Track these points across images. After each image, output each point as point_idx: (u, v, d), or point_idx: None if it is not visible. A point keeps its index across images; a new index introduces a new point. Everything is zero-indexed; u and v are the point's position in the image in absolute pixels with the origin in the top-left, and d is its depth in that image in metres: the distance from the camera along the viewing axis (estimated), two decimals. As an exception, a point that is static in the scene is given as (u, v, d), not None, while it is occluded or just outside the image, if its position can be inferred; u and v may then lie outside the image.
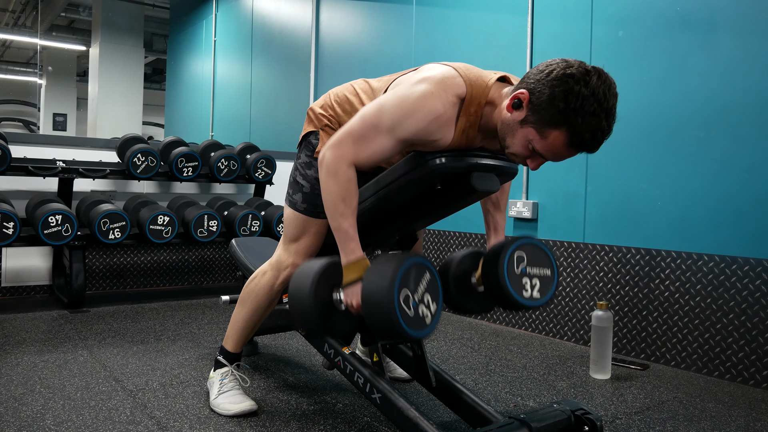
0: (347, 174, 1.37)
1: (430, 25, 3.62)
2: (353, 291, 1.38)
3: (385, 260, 1.33)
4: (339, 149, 1.37)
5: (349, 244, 1.39)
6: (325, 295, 1.42)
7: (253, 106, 5.68)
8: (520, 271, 1.46)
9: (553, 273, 1.52)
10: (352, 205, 1.38)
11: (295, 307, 1.42)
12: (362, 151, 1.36)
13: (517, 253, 1.47)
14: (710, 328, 2.31)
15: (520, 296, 1.45)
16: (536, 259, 1.50)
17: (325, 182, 1.38)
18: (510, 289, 1.43)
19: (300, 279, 1.43)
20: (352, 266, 1.39)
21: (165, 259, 4.00)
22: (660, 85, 2.48)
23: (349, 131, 1.38)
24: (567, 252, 2.81)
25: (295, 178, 1.69)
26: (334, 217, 1.39)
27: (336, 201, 1.37)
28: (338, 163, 1.36)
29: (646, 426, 1.79)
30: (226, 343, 1.85)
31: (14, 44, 12.35)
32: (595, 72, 1.22)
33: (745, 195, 2.22)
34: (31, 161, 3.27)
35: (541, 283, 1.49)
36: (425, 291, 1.34)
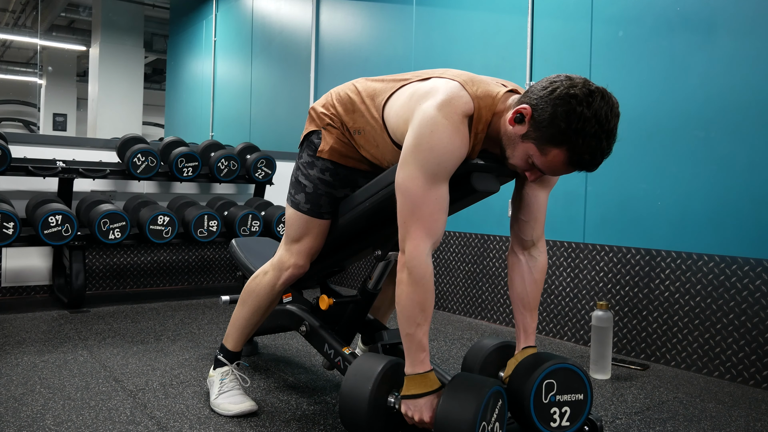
0: (428, 268, 1.32)
1: (430, 25, 3.62)
2: (417, 405, 1.32)
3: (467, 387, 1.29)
4: (412, 238, 1.31)
5: (419, 354, 1.33)
6: (382, 398, 1.37)
7: (253, 106, 5.68)
8: (548, 401, 1.37)
9: (586, 396, 1.41)
10: (429, 311, 1.33)
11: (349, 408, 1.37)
12: (428, 221, 1.31)
13: (546, 381, 1.37)
14: (710, 328, 2.31)
15: (547, 428, 1.37)
16: (568, 385, 1.39)
17: (407, 287, 1.32)
18: (536, 422, 1.35)
19: (358, 379, 1.37)
20: (419, 379, 1.33)
21: (165, 259, 4.00)
22: (660, 85, 2.48)
23: (405, 213, 1.32)
24: (567, 252, 2.82)
25: (297, 177, 1.69)
26: (409, 325, 1.33)
27: (415, 310, 1.32)
28: (419, 257, 1.31)
29: (646, 426, 1.79)
30: (226, 341, 1.85)
31: (14, 44, 12.35)
32: (599, 93, 1.22)
33: (745, 195, 2.22)
34: (31, 161, 3.27)
35: (572, 410, 1.39)
36: (496, 419, 1.31)
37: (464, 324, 3.12)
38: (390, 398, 1.38)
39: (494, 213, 3.15)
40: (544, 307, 2.89)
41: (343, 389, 1.39)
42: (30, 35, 11.03)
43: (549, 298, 2.88)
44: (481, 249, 3.24)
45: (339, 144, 1.61)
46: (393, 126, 1.46)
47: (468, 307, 3.30)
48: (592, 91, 1.22)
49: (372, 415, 1.35)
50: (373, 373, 1.36)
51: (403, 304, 1.33)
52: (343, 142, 1.61)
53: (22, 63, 13.34)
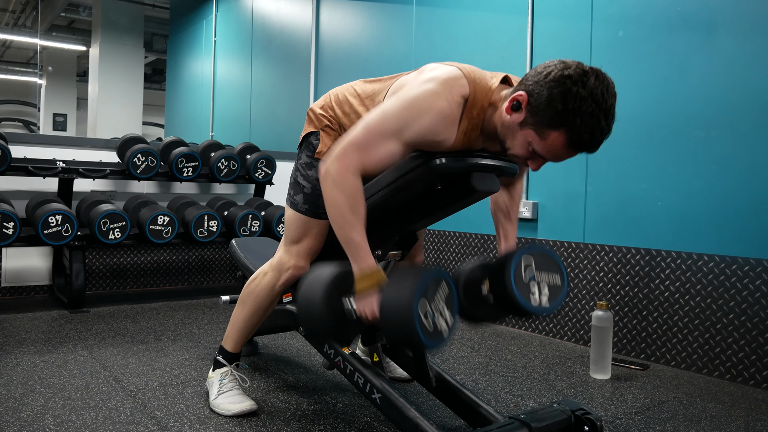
0: (354, 184, 1.34)
1: (430, 25, 3.62)
2: (367, 301, 1.36)
3: (405, 273, 1.32)
4: (344, 160, 1.34)
5: (360, 254, 1.37)
6: (336, 303, 1.40)
7: (253, 106, 5.68)
8: (528, 279, 1.45)
9: (562, 280, 1.50)
10: (360, 215, 1.36)
11: (305, 314, 1.40)
12: (368, 159, 1.34)
13: (524, 260, 1.45)
14: (710, 328, 2.31)
15: (529, 303, 1.44)
16: (545, 267, 1.49)
17: (331, 194, 1.36)
18: (518, 296, 1.42)
19: (311, 287, 1.41)
20: (366, 276, 1.37)
21: (165, 259, 4.00)
22: (660, 85, 2.48)
23: (353, 141, 1.35)
24: (567, 252, 2.81)
25: (296, 178, 1.69)
26: (343, 229, 1.36)
27: (344, 213, 1.35)
28: (344, 173, 1.34)
29: (646, 426, 1.79)
30: (225, 343, 1.85)
31: (14, 44, 12.35)
32: (593, 72, 1.22)
33: (745, 195, 2.22)
34: (31, 161, 3.27)
35: (550, 291, 1.48)
36: (443, 304, 1.33)
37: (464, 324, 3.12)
38: (345, 302, 1.41)
39: (494, 213, 3.14)
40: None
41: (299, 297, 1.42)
42: (30, 35, 11.03)
43: (549, 298, 2.87)
44: (481, 249, 3.24)
45: None
46: None
47: (468, 307, 3.29)
48: (585, 71, 1.22)
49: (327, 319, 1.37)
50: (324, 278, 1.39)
51: (334, 212, 1.36)
52: None
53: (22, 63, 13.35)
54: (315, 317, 1.38)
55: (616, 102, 1.25)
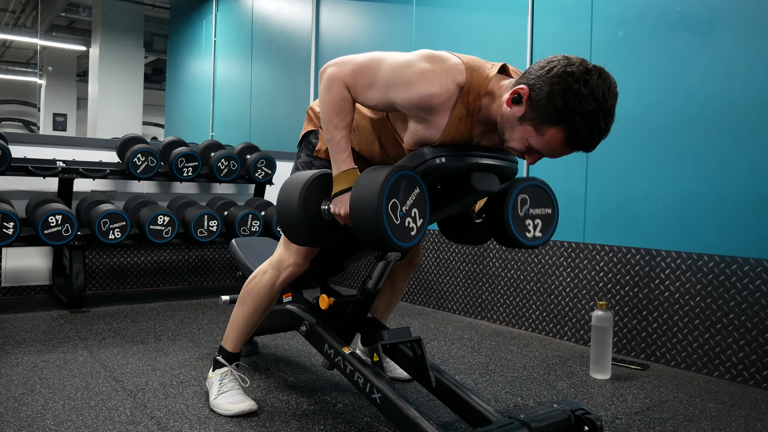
0: (341, 92, 1.42)
1: (430, 25, 3.61)
2: (342, 200, 1.41)
3: (375, 170, 1.35)
4: (339, 69, 1.42)
5: (341, 154, 1.43)
6: (313, 204, 1.44)
7: (253, 106, 5.68)
8: (523, 213, 1.52)
9: (554, 211, 1.58)
10: (345, 120, 1.43)
11: (283, 216, 1.45)
12: (357, 84, 1.41)
13: (521, 196, 1.51)
14: (710, 328, 2.31)
15: (524, 237, 1.51)
16: (538, 200, 1.55)
17: (322, 95, 1.44)
18: (515, 231, 1.49)
19: (289, 188, 1.45)
20: (343, 176, 1.42)
21: (165, 259, 4.00)
22: (660, 85, 2.48)
23: (355, 60, 1.43)
24: (567, 252, 2.81)
25: (295, 177, 1.70)
26: (328, 129, 1.43)
27: (330, 114, 1.42)
28: (335, 80, 1.42)
29: (646, 426, 1.79)
30: (225, 342, 1.85)
31: (14, 44, 12.35)
32: (596, 71, 1.22)
33: (745, 195, 2.22)
34: (31, 161, 3.27)
35: (543, 222, 1.55)
36: (413, 204, 1.36)
37: (464, 324, 3.12)
38: (323, 206, 1.46)
39: (494, 213, 3.14)
40: (544, 307, 2.89)
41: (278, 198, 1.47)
42: (30, 35, 11.03)
43: (549, 298, 2.88)
44: (481, 249, 3.24)
45: None
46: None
47: (468, 307, 3.30)
48: (589, 69, 1.22)
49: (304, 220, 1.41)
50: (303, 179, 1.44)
51: (323, 111, 1.45)
52: None
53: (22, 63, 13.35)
54: (291, 217, 1.42)
55: (617, 101, 1.25)
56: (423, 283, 3.59)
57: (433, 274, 3.52)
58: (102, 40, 9.03)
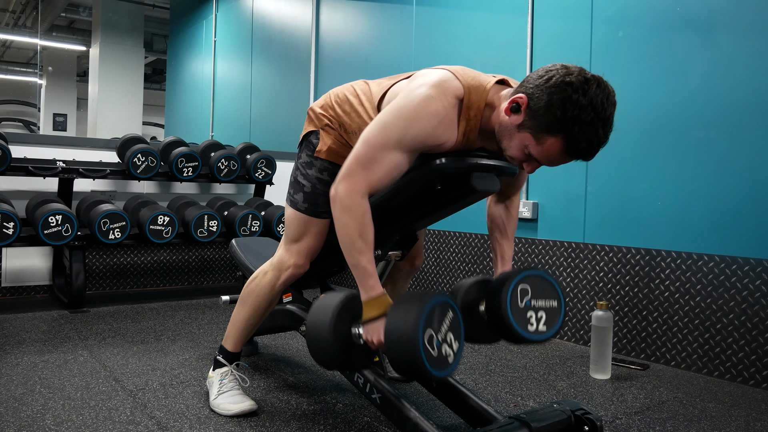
0: (362, 206, 1.34)
1: (430, 25, 3.62)
2: (374, 328, 1.34)
3: (409, 299, 1.30)
4: (350, 181, 1.34)
5: (368, 281, 1.36)
6: (344, 329, 1.38)
7: (253, 106, 5.68)
8: (524, 305, 1.42)
9: (560, 304, 1.47)
10: (369, 240, 1.35)
11: (314, 341, 1.39)
12: (374, 175, 1.33)
13: (521, 285, 1.42)
14: (710, 328, 2.31)
15: (525, 331, 1.40)
16: (542, 291, 1.45)
17: (340, 218, 1.35)
18: (513, 323, 1.39)
19: (319, 313, 1.39)
20: (373, 303, 1.36)
21: (165, 259, 4.00)
22: (660, 85, 2.48)
23: (356, 159, 1.34)
24: (567, 252, 2.81)
25: (296, 177, 1.69)
26: (351, 254, 1.35)
27: (353, 237, 1.34)
28: (351, 196, 1.33)
29: (646, 426, 1.79)
30: (225, 342, 1.85)
31: (14, 44, 12.36)
32: (595, 80, 1.22)
33: (745, 195, 2.22)
34: (31, 161, 3.27)
35: (547, 316, 1.44)
36: (448, 330, 1.31)
37: (464, 324, 3.12)
38: (354, 329, 1.40)
39: (494, 213, 3.14)
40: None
41: (307, 325, 1.41)
42: (30, 35, 11.03)
43: (549, 298, 2.87)
44: (481, 249, 3.24)
45: (337, 144, 1.62)
46: None
47: (468, 307, 3.29)
48: (587, 78, 1.22)
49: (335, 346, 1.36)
50: (332, 305, 1.39)
51: (343, 236, 1.36)
52: (341, 142, 1.62)
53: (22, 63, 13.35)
54: (322, 343, 1.36)
55: (617, 102, 1.25)
56: (423, 283, 3.59)
57: (433, 274, 3.52)
58: (102, 40, 9.03)
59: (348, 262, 1.38)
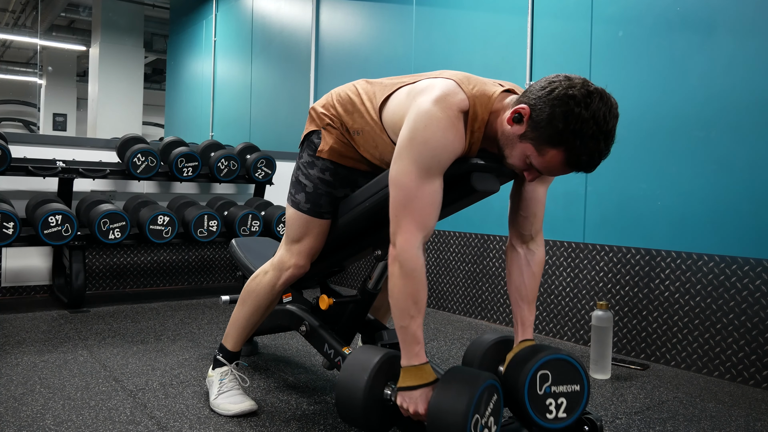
0: (419, 261, 1.31)
1: (430, 25, 3.61)
2: (411, 397, 1.32)
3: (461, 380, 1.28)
4: (403, 231, 1.32)
5: (414, 347, 1.33)
6: (378, 390, 1.36)
7: (253, 106, 5.68)
8: (543, 392, 1.35)
9: (583, 388, 1.39)
10: (422, 304, 1.33)
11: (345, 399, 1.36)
12: (420, 215, 1.31)
13: (540, 372, 1.36)
14: (710, 328, 2.31)
15: (543, 419, 1.35)
16: (563, 376, 1.38)
17: (398, 279, 1.32)
18: (531, 413, 1.34)
19: (354, 370, 1.36)
20: (414, 371, 1.33)
21: (165, 259, 4.00)
22: (660, 85, 2.48)
23: (397, 205, 1.32)
24: (567, 252, 2.82)
25: (297, 177, 1.69)
26: (403, 318, 1.32)
27: (407, 301, 1.32)
28: (409, 249, 1.31)
29: (646, 426, 1.79)
30: (225, 341, 1.85)
31: (14, 44, 12.35)
32: (597, 93, 1.22)
33: (745, 195, 2.22)
34: (31, 161, 3.27)
35: (568, 401, 1.38)
36: (491, 413, 1.30)
37: (464, 324, 3.12)
38: (387, 390, 1.38)
39: (494, 213, 3.14)
40: (544, 307, 2.90)
41: (340, 380, 1.38)
42: (30, 35, 11.02)
43: (549, 298, 2.88)
44: (481, 249, 3.24)
45: (339, 144, 1.62)
46: (390, 126, 1.46)
47: (468, 307, 3.30)
48: (590, 91, 1.21)
49: (368, 407, 1.34)
50: (369, 365, 1.36)
51: (396, 297, 1.33)
52: (342, 142, 1.61)
53: (22, 63, 13.34)
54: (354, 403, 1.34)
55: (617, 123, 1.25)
56: (423, 283, 3.58)
57: (433, 274, 3.52)
58: (102, 40, 9.03)
59: (396, 324, 1.34)
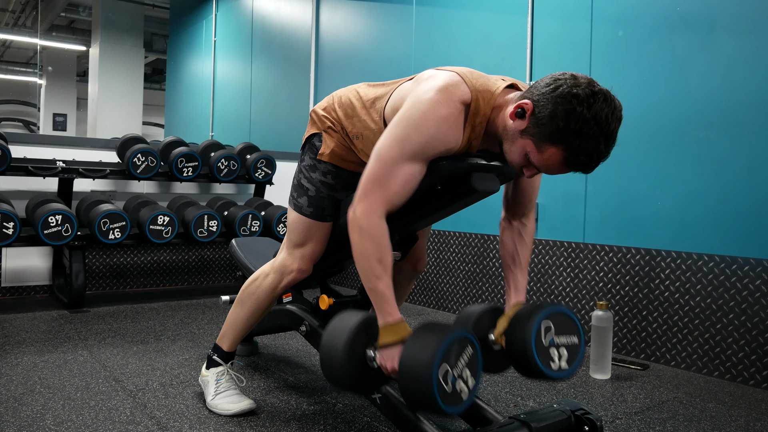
0: (381, 228, 1.33)
1: (430, 25, 3.61)
2: (389, 354, 1.33)
3: (429, 330, 1.29)
4: (367, 200, 1.33)
5: (385, 306, 1.35)
6: (359, 351, 1.38)
7: (253, 106, 5.68)
8: (548, 343, 1.40)
9: (580, 340, 1.46)
10: (387, 264, 1.34)
11: (327, 359, 1.38)
12: (391, 190, 1.32)
13: (544, 323, 1.40)
14: (710, 328, 2.31)
15: (548, 369, 1.39)
16: (563, 327, 1.43)
17: (359, 242, 1.34)
18: (539, 362, 1.37)
19: (335, 332, 1.38)
20: (390, 329, 1.35)
21: (165, 259, 4.00)
22: (660, 85, 2.48)
23: (371, 176, 1.34)
24: (567, 252, 2.81)
25: (299, 180, 1.69)
26: (369, 279, 1.34)
27: (371, 262, 1.33)
28: (370, 216, 1.32)
29: (646, 426, 1.79)
30: (221, 342, 1.84)
31: (14, 44, 12.35)
32: (602, 94, 1.21)
33: (745, 195, 2.22)
34: (31, 161, 3.27)
35: (568, 353, 1.43)
36: (465, 366, 1.30)
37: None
38: (369, 351, 1.39)
39: (494, 213, 3.14)
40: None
41: (323, 343, 1.40)
42: (30, 35, 11.02)
43: (549, 298, 2.88)
44: (481, 249, 3.24)
45: (339, 147, 1.61)
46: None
47: (468, 307, 3.29)
48: (595, 92, 1.21)
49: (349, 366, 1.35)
50: (349, 326, 1.38)
51: (360, 260, 1.35)
52: (343, 145, 1.61)
53: (22, 63, 13.34)
54: (335, 363, 1.36)
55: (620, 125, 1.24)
56: (423, 283, 3.59)
57: (433, 274, 3.52)
58: (102, 40, 9.03)
59: (365, 286, 1.36)
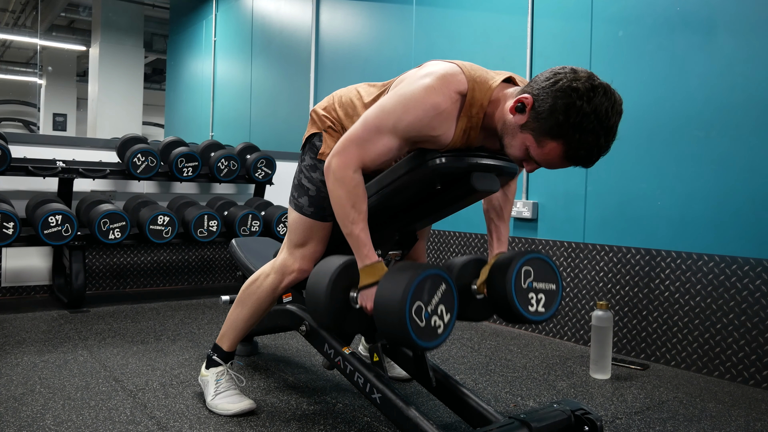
0: (354, 179, 1.39)
1: (430, 25, 3.62)
2: (368, 294, 1.40)
3: (400, 270, 1.34)
4: (344, 155, 1.39)
5: (362, 249, 1.41)
6: (341, 293, 1.44)
7: (253, 106, 5.68)
8: (527, 286, 1.48)
9: (558, 287, 1.53)
10: (362, 210, 1.40)
11: (312, 302, 1.46)
12: (367, 154, 1.38)
13: (524, 267, 1.48)
14: (710, 328, 2.31)
15: (526, 311, 1.47)
16: (542, 274, 1.51)
17: (333, 190, 1.40)
18: (516, 303, 1.45)
19: (319, 274, 1.46)
20: (368, 270, 1.40)
21: (165, 259, 4.00)
22: (660, 85, 2.48)
23: (352, 136, 1.39)
24: (567, 252, 2.81)
25: (299, 180, 1.69)
26: (345, 224, 1.41)
27: (346, 208, 1.39)
28: (344, 169, 1.38)
29: (646, 426, 1.79)
30: (220, 342, 1.84)
31: (14, 44, 12.35)
32: (602, 88, 1.21)
33: (745, 195, 2.22)
34: (31, 161, 3.27)
35: (546, 298, 1.51)
36: (439, 302, 1.34)
37: (464, 324, 3.12)
38: (352, 293, 1.46)
39: (494, 213, 3.14)
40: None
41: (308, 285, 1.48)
42: (30, 35, 11.02)
43: (549, 298, 2.87)
44: (481, 249, 3.24)
45: None
46: None
47: (468, 307, 3.29)
48: (594, 86, 1.21)
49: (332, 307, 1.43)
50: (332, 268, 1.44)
51: (336, 206, 1.42)
52: None
53: (22, 63, 13.34)
54: (320, 304, 1.43)
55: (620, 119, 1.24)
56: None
57: (433, 274, 3.52)
58: (102, 40, 9.03)
59: (343, 232, 1.43)
